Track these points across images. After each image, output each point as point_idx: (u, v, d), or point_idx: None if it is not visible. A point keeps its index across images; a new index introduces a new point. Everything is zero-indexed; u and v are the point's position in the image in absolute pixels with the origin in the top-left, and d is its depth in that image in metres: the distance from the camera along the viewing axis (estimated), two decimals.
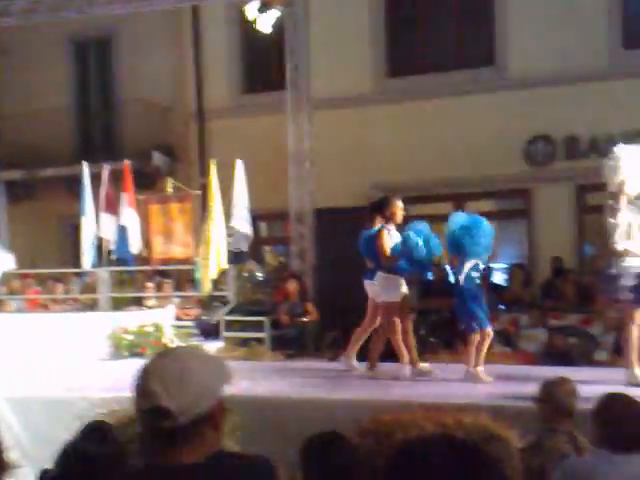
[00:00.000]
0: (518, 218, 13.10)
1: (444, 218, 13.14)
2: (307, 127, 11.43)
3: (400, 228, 7.28)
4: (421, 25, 13.23)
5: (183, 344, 7.95)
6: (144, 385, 1.89)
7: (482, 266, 6.93)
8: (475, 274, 6.81)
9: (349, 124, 12.79)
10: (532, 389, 4.77)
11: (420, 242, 6.95)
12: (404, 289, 7.22)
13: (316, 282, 10.69)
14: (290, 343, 9.40)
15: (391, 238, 7.18)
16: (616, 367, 7.87)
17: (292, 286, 10.16)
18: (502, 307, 10.08)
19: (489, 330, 6.87)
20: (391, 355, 7.34)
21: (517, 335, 9.24)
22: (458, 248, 6.82)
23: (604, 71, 11.67)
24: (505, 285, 11.55)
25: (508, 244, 13.57)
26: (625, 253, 6.26)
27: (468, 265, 6.75)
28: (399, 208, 7.28)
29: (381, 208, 7.31)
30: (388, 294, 7.17)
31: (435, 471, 1.22)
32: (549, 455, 4.26)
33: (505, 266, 12.21)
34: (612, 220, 6.24)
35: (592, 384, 6.13)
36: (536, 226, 12.35)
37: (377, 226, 7.27)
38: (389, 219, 7.26)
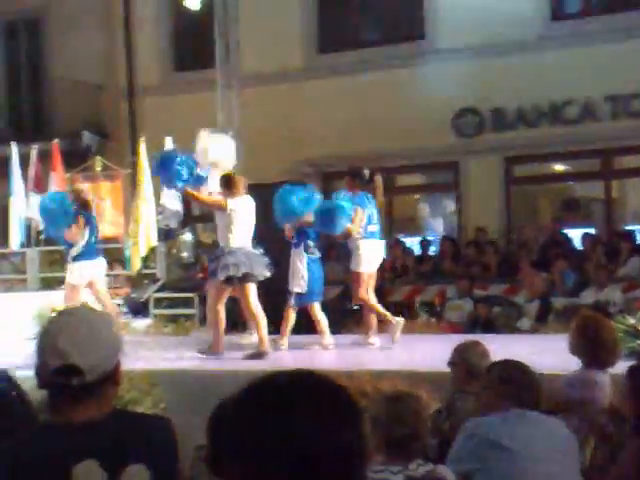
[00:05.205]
0: (448, 191, 13.31)
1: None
2: (236, 104, 11.39)
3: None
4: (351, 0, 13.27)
5: None
6: (52, 344, 1.89)
7: None
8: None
9: (280, 100, 12.76)
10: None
11: None
12: None
13: None
14: None
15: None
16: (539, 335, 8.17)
17: None
18: None
19: None
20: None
21: (443, 306, 9.43)
22: None
23: (532, 43, 11.75)
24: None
25: (439, 217, 13.83)
26: None
27: None
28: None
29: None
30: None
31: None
32: (460, 416, 4.42)
33: (435, 239, 12.45)
34: None
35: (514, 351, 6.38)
36: (465, 198, 12.53)
37: None
38: None
